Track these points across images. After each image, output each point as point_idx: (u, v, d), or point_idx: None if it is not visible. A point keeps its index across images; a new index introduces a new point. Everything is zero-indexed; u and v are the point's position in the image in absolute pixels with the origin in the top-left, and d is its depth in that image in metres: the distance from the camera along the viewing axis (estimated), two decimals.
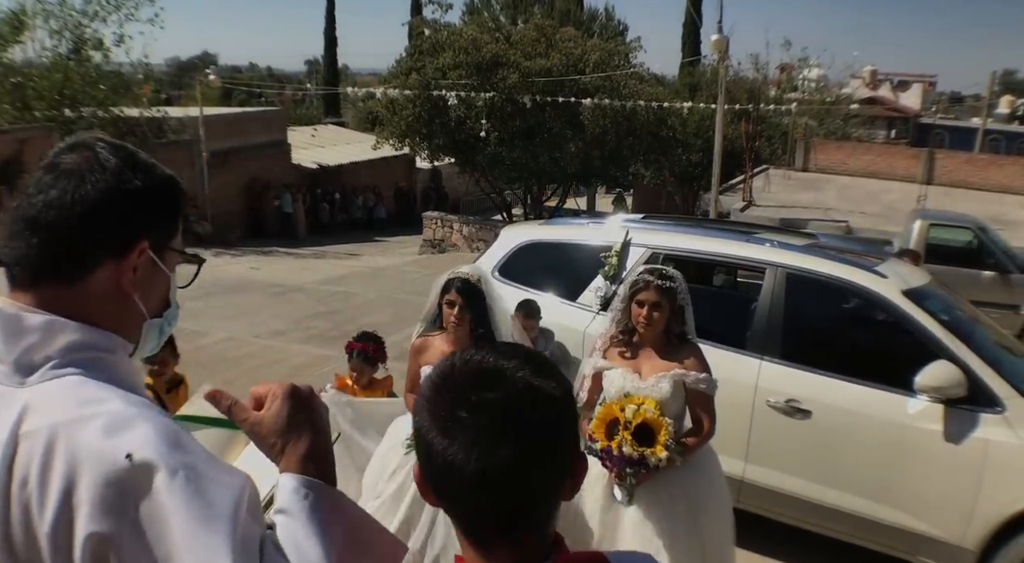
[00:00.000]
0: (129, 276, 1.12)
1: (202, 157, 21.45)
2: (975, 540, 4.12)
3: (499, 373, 1.04)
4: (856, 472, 4.37)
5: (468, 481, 1.00)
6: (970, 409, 4.16)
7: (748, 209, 17.08)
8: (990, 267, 10.38)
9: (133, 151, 1.16)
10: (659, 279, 3.36)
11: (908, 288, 4.59)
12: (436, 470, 1.03)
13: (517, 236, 5.89)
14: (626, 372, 3.42)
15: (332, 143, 31.64)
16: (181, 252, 1.23)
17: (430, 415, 1.04)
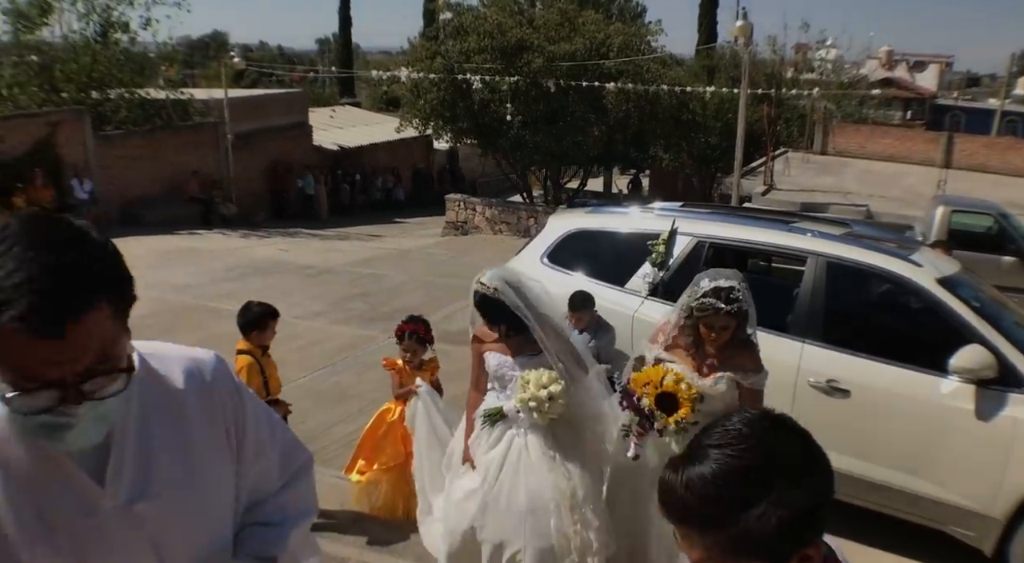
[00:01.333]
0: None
1: (227, 139, 21.72)
2: (1003, 511, 4.45)
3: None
4: (892, 447, 4.69)
5: None
6: (1000, 389, 4.47)
7: (769, 193, 17.30)
8: (1011, 253, 10.65)
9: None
10: (727, 304, 3.46)
11: (942, 276, 4.89)
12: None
13: (565, 225, 6.19)
14: (687, 369, 3.61)
15: (351, 124, 31.87)
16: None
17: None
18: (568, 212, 7.06)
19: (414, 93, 19.04)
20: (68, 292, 1.17)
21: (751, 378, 3.57)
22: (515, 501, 3.76)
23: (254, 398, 1.63)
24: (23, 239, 1.17)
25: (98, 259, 1.23)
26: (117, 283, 1.25)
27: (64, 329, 1.16)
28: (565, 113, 17.73)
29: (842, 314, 5.16)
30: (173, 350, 1.54)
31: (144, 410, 1.42)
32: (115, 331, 1.25)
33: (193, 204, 20.53)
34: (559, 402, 3.65)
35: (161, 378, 1.46)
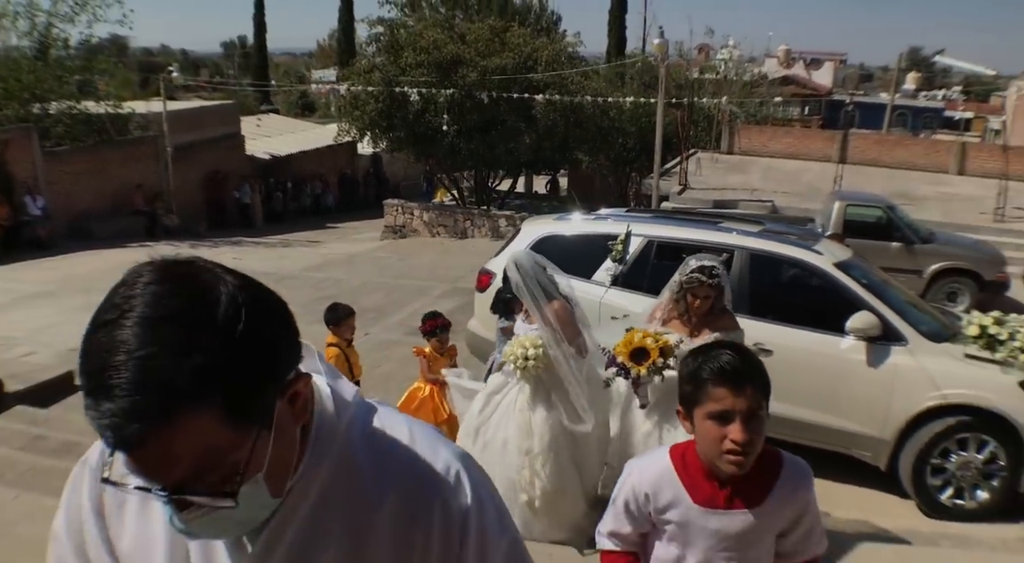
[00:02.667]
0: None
1: (167, 152, 22.33)
2: (891, 433, 5.94)
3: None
4: (806, 393, 6.13)
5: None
6: (884, 343, 5.97)
7: (684, 192, 18.91)
8: (897, 239, 12.36)
9: None
10: (709, 278, 4.40)
11: (837, 261, 6.38)
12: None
13: (537, 230, 7.49)
14: (682, 335, 4.66)
15: (277, 132, 32.54)
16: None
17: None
18: (538, 219, 8.33)
19: (352, 105, 20.03)
20: (145, 402, 0.91)
21: (732, 335, 4.58)
22: (497, 437, 4.90)
23: (494, 533, 1.26)
24: (127, 304, 0.95)
25: (215, 344, 0.95)
26: (240, 379, 0.98)
27: (143, 443, 0.93)
28: (497, 122, 19.05)
29: (763, 293, 6.57)
30: (408, 450, 1.25)
31: (321, 506, 1.19)
32: (229, 441, 0.99)
33: (138, 217, 21.11)
34: (533, 363, 4.69)
35: (361, 478, 1.20)
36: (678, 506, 2.10)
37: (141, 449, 0.94)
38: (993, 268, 12.29)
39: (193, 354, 0.93)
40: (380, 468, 1.21)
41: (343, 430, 1.21)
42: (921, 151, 24.78)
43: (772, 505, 2.08)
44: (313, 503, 1.18)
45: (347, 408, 1.24)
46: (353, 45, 54.47)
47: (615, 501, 2.23)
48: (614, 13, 38.87)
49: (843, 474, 6.36)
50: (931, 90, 61.24)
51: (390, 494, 1.20)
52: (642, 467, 2.20)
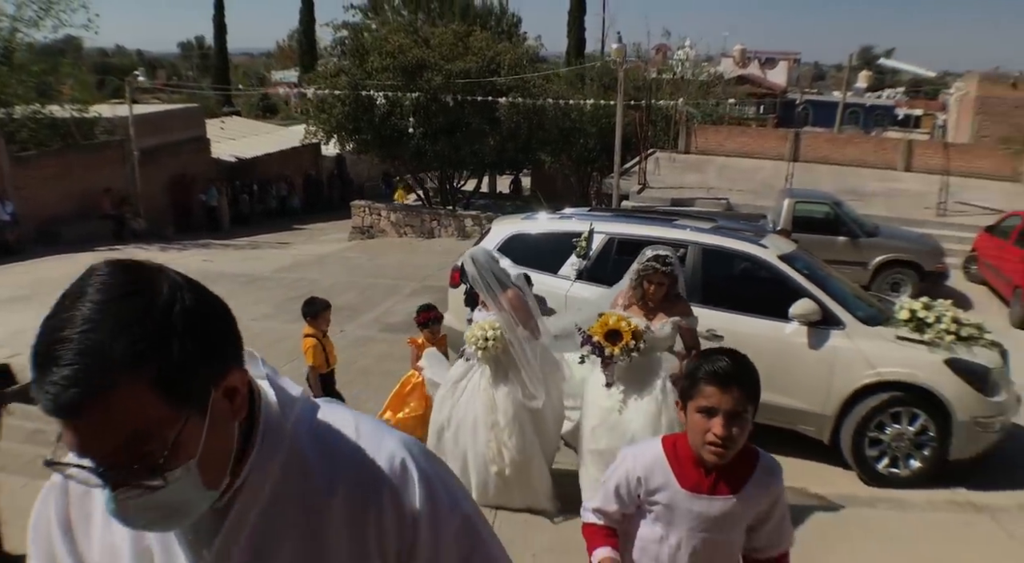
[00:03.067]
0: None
1: (133, 156, 22.48)
2: (832, 409, 6.58)
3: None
4: (759, 373, 6.72)
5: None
6: (824, 328, 6.59)
7: (643, 191, 19.56)
8: (844, 233, 13.09)
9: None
10: (663, 266, 4.86)
11: (782, 254, 7.00)
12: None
13: (506, 229, 8.02)
14: (641, 319, 5.13)
15: (241, 135, 32.64)
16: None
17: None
18: (507, 219, 8.85)
19: (319, 108, 20.40)
20: (92, 367, 0.99)
21: (686, 320, 5.14)
22: (467, 417, 5.44)
23: (446, 512, 1.32)
24: (80, 292, 1.05)
25: (151, 327, 1.03)
26: (173, 360, 1.04)
27: (78, 409, 0.99)
28: (462, 125, 19.54)
29: (715, 284, 7.15)
30: (353, 442, 1.31)
31: (274, 503, 1.24)
32: (159, 418, 1.05)
33: (105, 221, 21.27)
34: (492, 344, 5.25)
35: (310, 473, 1.26)
36: (667, 489, 2.39)
37: (77, 417, 1.00)
38: (933, 259, 13.07)
39: (130, 331, 1.01)
40: (329, 462, 1.26)
41: (290, 427, 1.27)
42: (870, 149, 25.77)
43: (748, 493, 2.37)
44: (266, 499, 1.23)
45: (293, 406, 1.30)
46: (314, 47, 54.54)
47: (607, 482, 2.51)
48: (573, 14, 39.51)
49: (791, 448, 6.96)
50: (881, 89, 62.45)
51: (340, 486, 1.25)
52: (636, 454, 2.48)
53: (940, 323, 6.66)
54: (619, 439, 4.92)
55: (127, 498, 1.07)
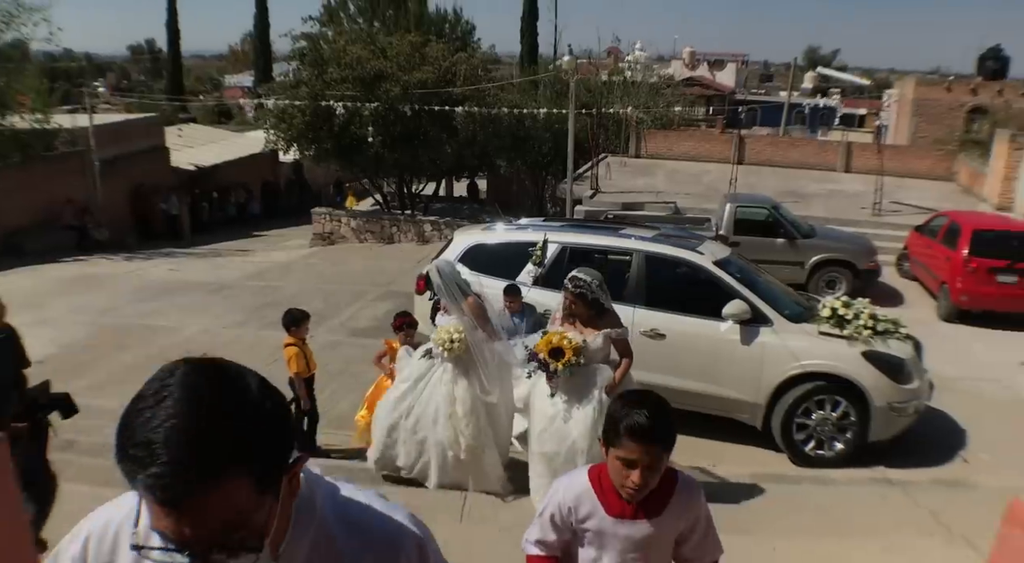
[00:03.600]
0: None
1: (94, 167, 22.70)
2: (763, 398, 7.34)
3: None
4: (694, 368, 7.47)
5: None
6: (754, 326, 7.34)
7: (596, 196, 20.32)
8: (782, 235, 13.95)
9: None
10: (574, 288, 5.54)
11: (716, 259, 7.76)
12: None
13: (468, 239, 8.68)
14: (577, 334, 5.65)
15: (199, 142, 32.72)
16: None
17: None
18: (468, 230, 9.49)
19: (280, 118, 20.83)
20: (202, 463, 1.10)
21: (615, 332, 5.77)
22: (431, 406, 6.14)
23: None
24: (176, 390, 1.14)
25: (246, 426, 1.16)
26: (264, 454, 1.18)
27: (190, 500, 1.11)
28: (420, 133, 20.14)
29: (657, 287, 7.87)
30: (372, 518, 1.49)
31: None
32: (251, 504, 1.17)
33: (68, 231, 21.49)
34: (456, 345, 5.94)
35: (337, 546, 1.42)
36: (595, 517, 2.56)
37: (184, 506, 1.11)
38: (865, 258, 13.99)
39: (232, 428, 1.13)
40: (355, 539, 1.43)
41: (319, 506, 1.41)
42: (812, 151, 26.87)
43: (669, 515, 2.55)
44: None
45: (319, 487, 1.45)
46: (269, 51, 54.61)
47: (542, 514, 2.66)
48: (526, 20, 40.24)
49: (727, 435, 7.75)
50: (827, 90, 64.00)
51: (365, 554, 1.43)
52: (566, 486, 2.63)
53: (858, 319, 7.46)
54: (561, 443, 5.60)
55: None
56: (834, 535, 5.99)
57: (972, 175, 23.44)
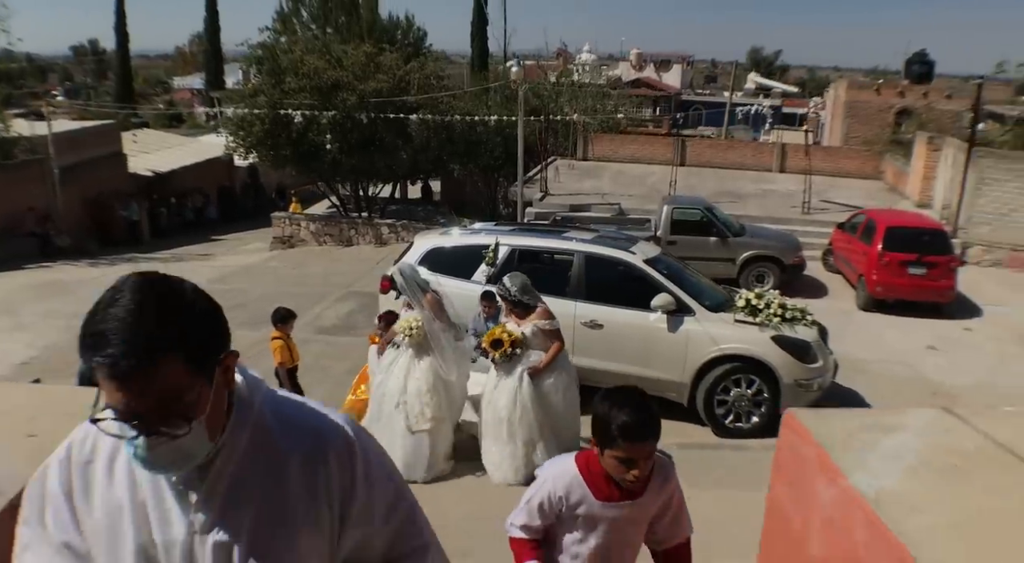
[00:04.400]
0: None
1: (54, 174, 23.16)
2: (688, 378, 8.46)
3: None
4: (628, 353, 8.55)
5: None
6: (679, 316, 8.44)
7: (545, 198, 21.41)
8: (714, 234, 15.16)
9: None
10: (497, 294, 7.08)
11: (646, 258, 8.86)
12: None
13: (427, 243, 9.66)
14: (514, 325, 6.96)
15: (155, 148, 32.94)
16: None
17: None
18: (427, 234, 10.46)
19: (239, 126, 21.54)
20: (143, 345, 1.35)
21: (544, 324, 6.90)
22: (398, 384, 7.04)
23: (375, 475, 1.70)
24: (127, 293, 1.40)
25: (181, 319, 1.42)
26: (195, 343, 1.43)
27: (133, 375, 1.35)
28: (376, 140, 21.04)
29: (596, 284, 8.93)
30: (305, 416, 1.69)
31: (245, 460, 1.58)
32: (188, 383, 1.42)
33: (30, 239, 21.95)
34: (416, 333, 6.92)
35: (273, 438, 1.61)
36: (585, 503, 2.75)
37: (129, 381, 1.36)
38: (791, 253, 15.26)
39: (168, 320, 1.40)
40: (286, 430, 1.62)
41: (257, 404, 1.63)
42: (749, 153, 28.33)
43: (649, 495, 2.76)
44: (239, 458, 1.58)
45: (258, 388, 1.67)
46: (220, 55, 54.91)
47: (529, 501, 2.83)
48: (476, 25, 41.19)
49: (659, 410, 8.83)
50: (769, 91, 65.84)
51: (296, 448, 1.61)
52: (555, 476, 2.79)
53: (769, 308, 8.61)
54: (493, 411, 6.89)
55: (157, 444, 1.43)
56: (744, 487, 7.08)
57: (897, 174, 25.02)
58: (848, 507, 2.22)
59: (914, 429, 2.58)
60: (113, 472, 1.59)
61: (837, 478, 2.29)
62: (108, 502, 1.59)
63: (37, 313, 14.48)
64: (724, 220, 15.58)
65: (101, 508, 1.59)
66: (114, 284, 1.44)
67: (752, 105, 52.71)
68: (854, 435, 2.48)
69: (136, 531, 1.57)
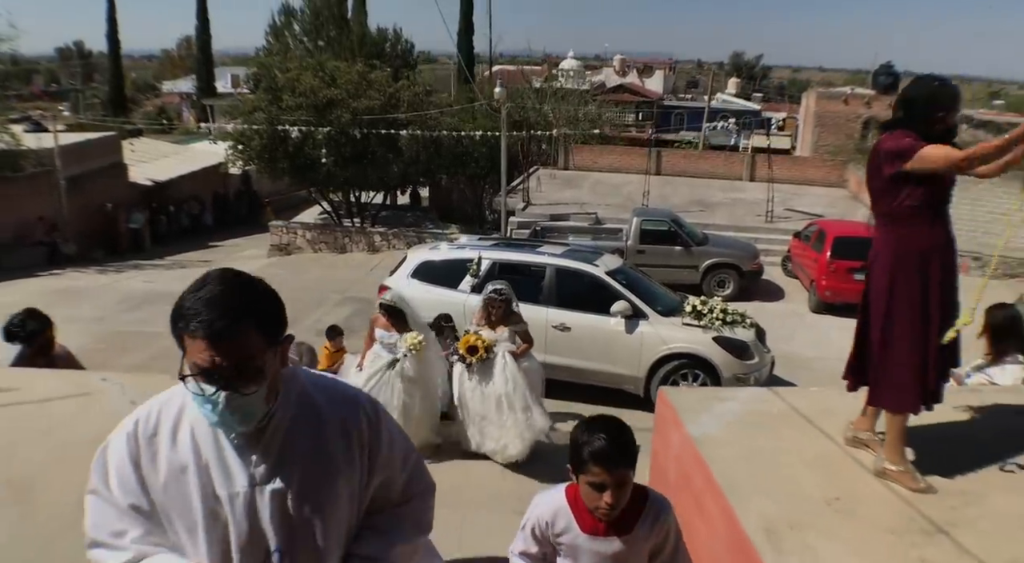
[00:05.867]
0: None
1: (60, 185, 24.42)
2: (643, 373, 9.84)
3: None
4: (592, 352, 9.96)
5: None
6: (634, 319, 9.87)
7: (528, 208, 22.83)
8: (679, 243, 16.61)
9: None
10: (499, 297, 7.51)
11: (608, 270, 10.29)
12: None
13: (419, 256, 11.05)
14: (489, 331, 8.01)
15: (152, 157, 34.07)
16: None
17: None
18: (419, 248, 11.85)
19: (239, 140, 22.91)
20: (231, 314, 1.73)
21: (519, 327, 8.03)
22: (396, 385, 7.99)
23: (394, 433, 2.14)
24: (215, 280, 1.80)
25: (257, 301, 1.82)
26: (266, 319, 1.81)
27: (224, 335, 1.72)
28: (368, 153, 22.46)
29: (565, 292, 10.31)
30: (339, 388, 2.13)
31: (294, 423, 1.95)
32: (259, 351, 1.78)
33: (39, 247, 23.20)
34: (420, 347, 7.94)
35: (315, 404, 2.00)
36: (569, 532, 2.65)
37: (220, 340, 1.72)
38: (749, 261, 16.72)
39: (248, 299, 1.81)
40: (325, 398, 2.03)
41: (300, 379, 2.03)
42: (720, 163, 29.85)
43: (639, 532, 2.62)
44: (289, 420, 1.95)
45: (299, 367, 2.12)
46: (211, 61, 56.07)
47: (524, 527, 2.78)
48: (462, 35, 42.57)
49: (619, 402, 10.21)
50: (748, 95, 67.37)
51: (334, 412, 2.02)
52: (545, 501, 2.74)
53: (712, 313, 10.03)
54: (482, 397, 7.77)
55: (232, 400, 1.78)
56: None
57: (859, 183, 26.52)
58: (685, 446, 3.65)
59: (740, 400, 3.99)
60: (176, 440, 1.92)
61: (680, 428, 3.72)
62: (173, 466, 1.90)
63: (57, 318, 15.60)
64: (688, 230, 17.03)
65: (167, 472, 1.90)
66: (200, 277, 1.84)
67: (724, 122, 53.96)
68: (697, 403, 3.90)
69: (201, 488, 1.89)
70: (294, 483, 1.92)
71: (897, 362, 3.37)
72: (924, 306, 3.29)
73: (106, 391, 4.16)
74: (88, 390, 4.22)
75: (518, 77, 36.28)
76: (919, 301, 3.29)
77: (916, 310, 3.29)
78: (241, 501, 1.89)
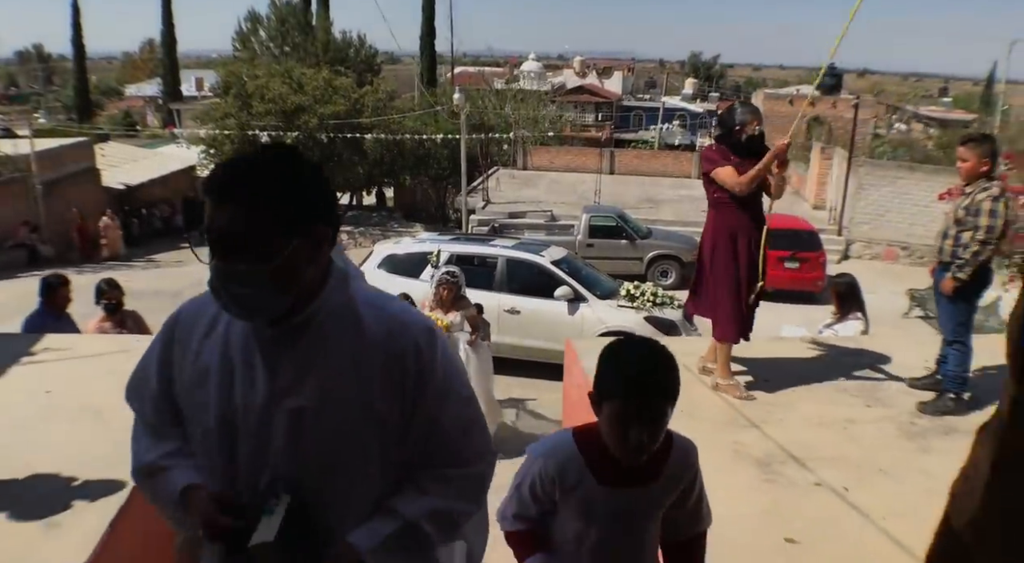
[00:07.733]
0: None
1: (36, 189, 25.28)
2: None
3: None
4: (539, 332, 11.33)
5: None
6: (576, 302, 11.26)
7: (487, 206, 24.16)
8: (625, 237, 18.06)
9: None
10: (451, 278, 7.94)
11: (553, 259, 11.67)
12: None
13: (384, 249, 12.36)
14: (443, 315, 8.98)
15: (122, 161, 34.80)
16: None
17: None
18: (384, 243, 13.15)
19: (210, 144, 24.01)
20: (247, 180, 1.60)
21: (470, 310, 9.13)
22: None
23: (450, 373, 1.81)
24: (263, 149, 1.68)
25: (285, 176, 1.62)
26: (288, 196, 1.60)
27: (233, 192, 1.59)
28: (334, 156, 23.68)
29: (515, 280, 11.68)
30: (394, 307, 1.82)
31: (333, 335, 1.72)
32: (270, 226, 1.57)
33: (18, 250, 24.09)
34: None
35: (361, 319, 1.74)
36: (582, 486, 2.16)
37: (227, 197, 1.58)
38: (689, 252, 18.14)
39: (275, 175, 1.61)
40: (374, 314, 1.77)
41: (351, 288, 1.79)
42: (670, 162, 31.41)
43: (665, 480, 2.18)
44: (327, 331, 1.72)
45: (357, 278, 1.87)
46: (176, 65, 56.68)
47: (519, 487, 2.28)
48: (424, 39, 43.76)
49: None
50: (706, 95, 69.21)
51: (380, 331, 1.74)
52: (546, 453, 2.22)
53: (644, 296, 11.44)
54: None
55: (221, 272, 1.61)
56: None
57: (800, 179, 28.20)
58: (582, 374, 5.02)
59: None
60: (210, 336, 1.78)
61: (578, 361, 5.08)
62: (199, 364, 1.77)
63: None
64: (633, 225, 18.49)
65: (191, 370, 1.78)
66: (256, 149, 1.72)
67: (678, 121, 55.65)
68: (592, 345, 5.27)
69: (219, 393, 1.73)
70: (315, 401, 1.69)
71: (722, 308, 4.79)
72: (736, 269, 4.71)
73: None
74: (128, 348, 5.48)
75: (479, 80, 37.54)
76: (732, 265, 4.71)
77: (730, 271, 4.72)
78: (255, 413, 1.71)
